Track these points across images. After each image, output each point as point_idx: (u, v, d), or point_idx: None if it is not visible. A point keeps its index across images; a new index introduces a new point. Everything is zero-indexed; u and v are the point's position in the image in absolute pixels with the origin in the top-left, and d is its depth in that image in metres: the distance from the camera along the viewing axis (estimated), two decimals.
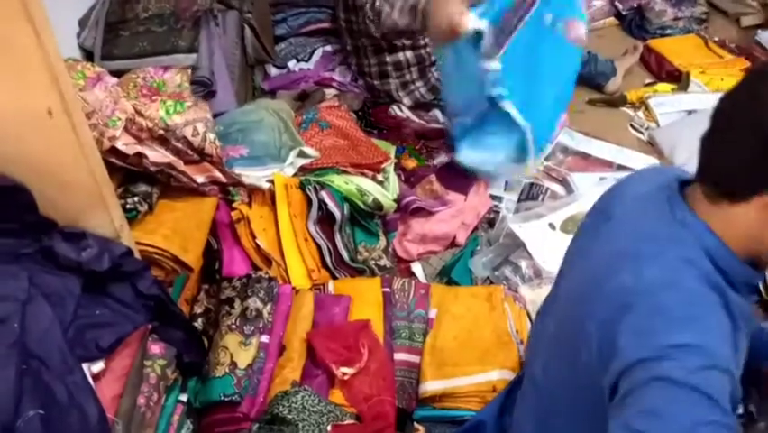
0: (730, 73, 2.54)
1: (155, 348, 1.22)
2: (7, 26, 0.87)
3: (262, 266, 1.68)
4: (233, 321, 1.50)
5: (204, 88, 1.88)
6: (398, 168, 2.09)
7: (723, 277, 0.86)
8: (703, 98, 2.45)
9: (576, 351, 0.92)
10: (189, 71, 1.65)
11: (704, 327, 0.81)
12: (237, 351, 1.46)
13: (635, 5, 2.87)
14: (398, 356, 1.60)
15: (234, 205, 1.69)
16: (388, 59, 2.19)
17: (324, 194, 1.75)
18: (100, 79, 1.30)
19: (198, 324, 1.51)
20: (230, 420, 1.40)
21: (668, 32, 2.82)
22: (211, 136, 1.46)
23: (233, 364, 1.43)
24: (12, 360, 0.93)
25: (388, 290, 1.70)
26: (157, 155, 1.32)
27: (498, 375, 1.57)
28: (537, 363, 1.12)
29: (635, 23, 2.86)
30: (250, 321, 1.50)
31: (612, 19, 2.93)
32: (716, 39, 2.76)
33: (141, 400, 1.14)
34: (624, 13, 2.89)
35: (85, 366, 1.04)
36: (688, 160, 2.23)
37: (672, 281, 0.84)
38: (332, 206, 1.75)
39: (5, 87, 0.93)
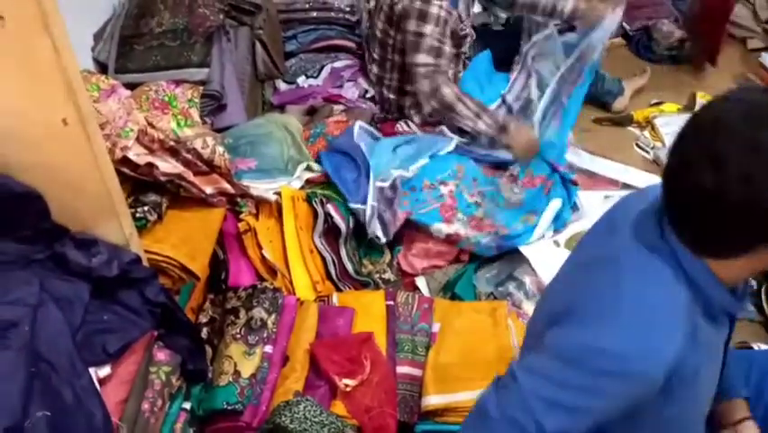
0: None
1: (160, 355, 1.23)
2: (27, 39, 0.90)
3: (268, 277, 1.70)
4: (238, 331, 1.52)
5: (214, 102, 1.93)
6: None
7: (702, 304, 0.87)
8: None
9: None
10: (200, 88, 1.68)
11: (645, 350, 0.83)
12: (241, 360, 1.47)
13: (642, 26, 2.89)
14: (401, 369, 1.61)
15: (242, 216, 1.71)
16: (408, 87, 2.24)
17: (330, 207, 1.78)
18: (114, 91, 1.34)
19: (203, 333, 1.53)
20: (232, 429, 1.42)
21: (674, 53, 2.84)
22: (220, 149, 1.49)
23: (237, 374, 1.45)
24: (22, 363, 0.95)
25: (391, 303, 1.71)
26: (167, 166, 1.35)
27: None
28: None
29: (643, 44, 2.89)
30: (254, 331, 1.52)
31: (620, 39, 2.96)
32: None
33: (146, 406, 1.16)
34: (631, 33, 2.92)
35: (92, 370, 1.06)
36: None
37: (643, 298, 0.86)
38: (337, 219, 1.77)
39: (24, 97, 0.96)
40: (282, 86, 2.42)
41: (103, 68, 1.87)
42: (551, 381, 0.87)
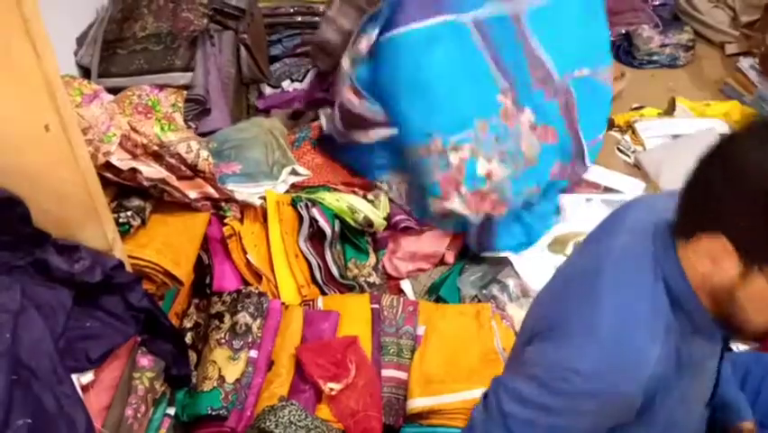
0: None
1: (144, 361, 1.23)
2: (8, 44, 0.90)
3: (253, 281, 1.70)
4: (223, 336, 1.52)
5: (198, 106, 1.93)
6: None
7: (690, 322, 0.86)
8: (689, 123, 2.51)
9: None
10: (184, 92, 1.68)
11: (621, 371, 0.82)
12: (225, 365, 1.47)
13: (623, 32, 2.93)
14: (386, 373, 1.61)
15: (226, 221, 1.71)
16: None
17: (315, 211, 1.78)
18: (96, 96, 1.33)
19: (187, 338, 1.53)
20: None
21: (654, 58, 2.88)
22: (204, 153, 1.49)
23: (222, 379, 1.45)
24: (2, 370, 0.94)
25: (377, 306, 1.72)
26: (151, 170, 1.35)
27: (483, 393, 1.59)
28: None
29: (624, 49, 2.93)
30: (239, 336, 1.52)
31: None
32: None
33: (129, 412, 1.15)
34: (612, 39, 2.95)
35: (74, 377, 1.06)
36: (673, 182, 2.27)
37: (621, 317, 0.84)
38: (322, 223, 1.78)
39: (5, 103, 0.95)
40: (267, 90, 2.42)
41: (86, 72, 1.86)
42: (528, 403, 0.86)
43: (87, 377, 1.09)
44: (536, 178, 2.00)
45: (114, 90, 1.72)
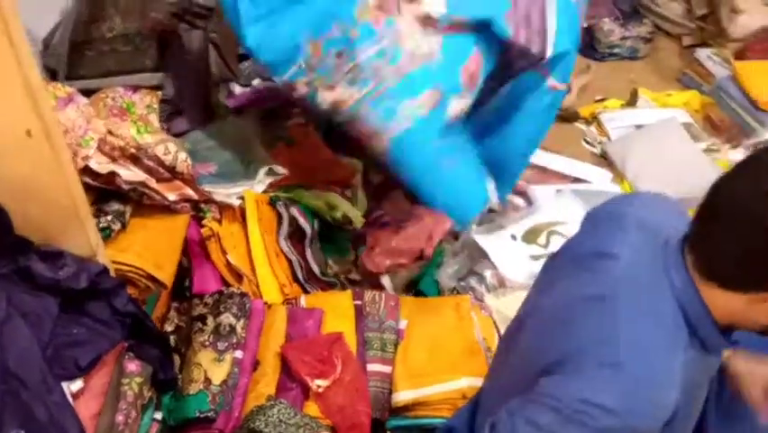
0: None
1: (131, 366, 1.22)
2: None
3: (233, 282, 1.69)
4: (207, 338, 1.51)
5: (170, 107, 1.90)
6: (366, 183, 2.12)
7: (698, 340, 0.87)
8: (651, 113, 2.59)
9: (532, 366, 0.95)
10: (159, 93, 1.66)
11: (645, 404, 0.82)
12: (211, 367, 1.46)
13: (585, 26, 2.99)
14: (372, 367, 1.63)
15: (204, 222, 1.70)
16: None
17: (294, 210, 1.78)
18: (71, 100, 1.31)
19: (170, 342, 1.51)
20: None
21: (616, 50, 2.96)
22: (182, 155, 1.47)
23: (208, 381, 1.44)
24: None
25: (359, 302, 1.73)
26: (130, 174, 1.33)
27: (467, 382, 1.62)
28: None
29: (585, 43, 2.99)
30: (223, 337, 1.51)
31: None
32: None
33: (120, 418, 1.14)
34: None
35: (64, 385, 1.04)
36: (638, 170, 2.35)
37: (641, 346, 0.84)
38: (302, 221, 1.78)
39: None
40: (237, 89, 2.39)
41: (53, 75, 1.82)
42: None
43: (77, 385, 1.07)
44: (434, 77, 1.55)
45: (83, 93, 1.68)
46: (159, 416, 1.38)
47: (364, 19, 1.51)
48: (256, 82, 2.38)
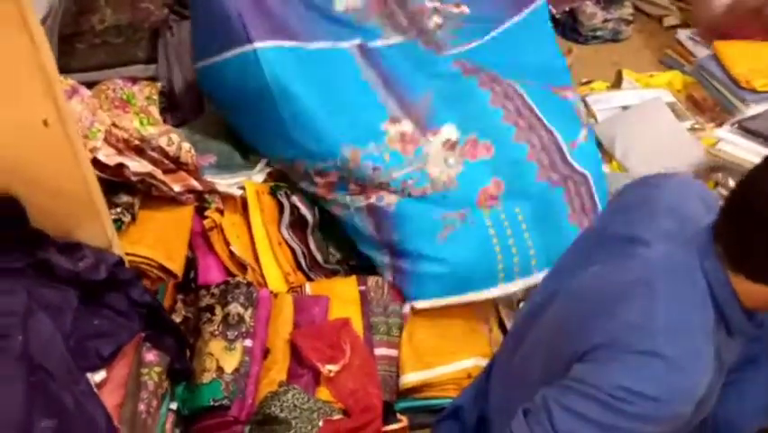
0: None
1: (150, 356, 1.22)
2: (6, 38, 0.87)
3: (237, 273, 1.70)
4: (216, 327, 1.51)
5: (165, 99, 1.89)
6: None
7: (724, 324, 0.89)
8: (636, 94, 2.63)
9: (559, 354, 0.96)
10: (158, 84, 1.64)
11: (683, 391, 0.84)
12: (222, 356, 1.47)
13: (567, 9, 3.04)
14: (379, 351, 1.65)
15: (207, 213, 1.69)
16: None
17: (295, 198, 1.79)
18: (75, 92, 1.29)
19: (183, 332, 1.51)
20: (221, 425, 1.41)
21: (598, 33, 3.00)
22: (186, 146, 1.47)
23: (220, 370, 1.44)
24: (20, 374, 0.92)
25: (363, 288, 1.75)
26: (137, 165, 1.32)
27: (471, 362, 1.66)
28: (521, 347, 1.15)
29: (569, 26, 3.03)
30: (232, 326, 1.52)
31: None
32: None
33: (142, 407, 1.15)
34: (557, 16, 3.05)
35: (88, 376, 1.04)
36: (626, 150, 2.40)
37: (680, 333, 0.85)
38: (303, 210, 1.79)
39: (1, 98, 0.92)
40: None
41: None
42: (588, 422, 0.85)
43: (100, 375, 1.08)
44: (455, 202, 1.76)
45: None
46: (173, 406, 1.38)
47: (394, 147, 1.74)
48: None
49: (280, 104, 1.70)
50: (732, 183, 2.06)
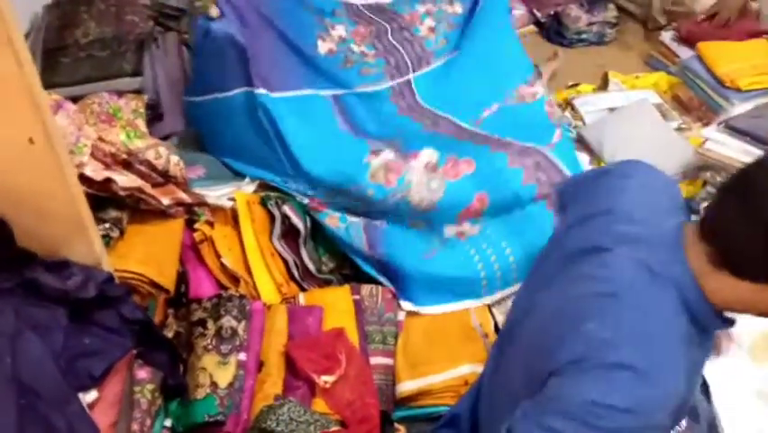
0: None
1: (142, 373, 1.20)
2: None
3: (229, 285, 1.68)
4: (209, 342, 1.49)
5: (151, 111, 1.87)
6: None
7: (696, 327, 0.88)
8: (622, 96, 2.65)
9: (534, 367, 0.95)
10: (144, 97, 1.63)
11: (655, 400, 0.82)
12: (216, 371, 1.45)
13: (551, 13, 3.05)
14: (374, 360, 1.64)
15: (196, 226, 1.67)
16: None
17: (286, 208, 1.77)
18: (61, 107, 1.28)
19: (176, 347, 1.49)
20: None
21: (583, 36, 3.02)
22: (174, 158, 1.45)
23: (214, 385, 1.42)
24: (10, 396, 0.90)
25: (357, 297, 1.74)
26: (125, 179, 1.31)
27: (468, 369, 1.65)
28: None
29: (554, 30, 3.04)
30: (226, 340, 1.50)
31: (531, 27, 3.10)
32: None
33: (135, 427, 1.13)
34: (542, 20, 3.07)
35: (80, 396, 1.02)
36: (615, 152, 2.41)
37: (647, 342, 0.84)
38: (295, 219, 1.77)
39: None
40: None
41: None
42: None
43: (92, 395, 1.06)
44: (437, 228, 1.82)
45: None
46: (168, 423, 1.36)
47: (377, 181, 1.79)
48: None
49: (274, 141, 1.81)
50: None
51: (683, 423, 1.03)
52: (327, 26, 2.02)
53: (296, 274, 1.75)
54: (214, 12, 1.79)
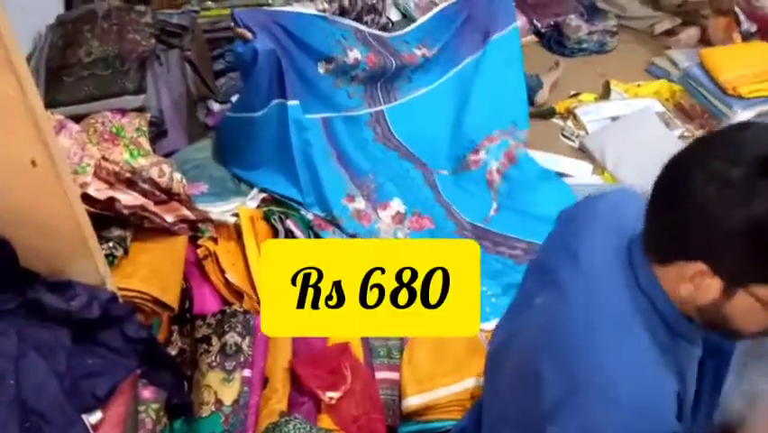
0: None
1: (146, 393, 1.20)
2: None
3: (234, 301, 1.67)
4: (214, 358, 1.49)
5: (154, 128, 1.88)
6: None
7: (683, 341, 0.87)
8: (624, 104, 2.65)
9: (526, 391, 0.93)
10: (147, 115, 1.63)
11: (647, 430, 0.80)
12: (221, 388, 1.44)
13: (552, 23, 3.06)
14: (380, 375, 1.63)
15: (200, 242, 1.67)
16: None
17: (289, 223, 1.77)
18: (63, 127, 1.28)
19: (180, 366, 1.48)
20: None
21: (584, 45, 3.02)
22: (177, 176, 1.45)
23: (219, 402, 1.42)
24: (13, 418, 0.90)
25: None
26: (129, 198, 1.31)
27: (474, 382, 1.63)
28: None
29: (554, 40, 3.05)
30: (230, 357, 1.49)
31: (532, 37, 3.11)
32: None
33: None
34: (543, 30, 3.08)
35: (83, 418, 1.02)
36: (617, 160, 2.40)
37: (629, 370, 0.82)
38: (298, 234, 1.77)
39: None
40: (215, 106, 2.38)
41: None
42: None
43: (96, 416, 1.05)
44: None
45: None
46: None
47: (355, 220, 1.97)
48: (234, 98, 2.37)
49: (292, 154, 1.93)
50: None
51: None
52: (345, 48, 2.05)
53: None
54: (247, 35, 1.83)
